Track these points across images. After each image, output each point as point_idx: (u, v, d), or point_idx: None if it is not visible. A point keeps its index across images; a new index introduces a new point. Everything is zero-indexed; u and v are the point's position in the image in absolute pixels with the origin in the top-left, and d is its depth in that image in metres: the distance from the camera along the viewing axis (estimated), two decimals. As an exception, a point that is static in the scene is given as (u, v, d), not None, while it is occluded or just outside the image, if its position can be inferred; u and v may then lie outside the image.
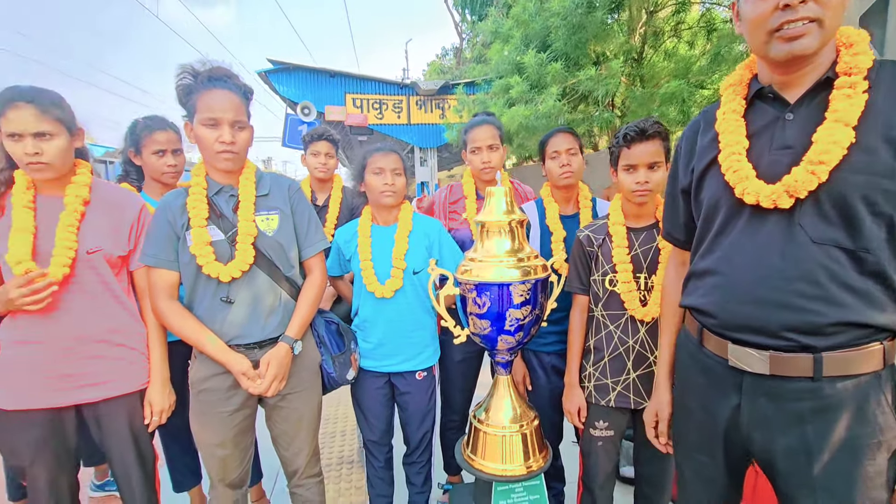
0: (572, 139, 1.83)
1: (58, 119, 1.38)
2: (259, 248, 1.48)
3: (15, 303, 1.32)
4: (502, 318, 1.44)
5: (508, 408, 1.59)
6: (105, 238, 1.47)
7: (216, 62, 1.49)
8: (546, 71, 5.35)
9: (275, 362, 1.46)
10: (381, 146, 1.81)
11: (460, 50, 14.02)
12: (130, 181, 1.97)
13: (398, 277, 1.71)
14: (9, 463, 1.45)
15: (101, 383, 1.47)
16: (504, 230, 1.50)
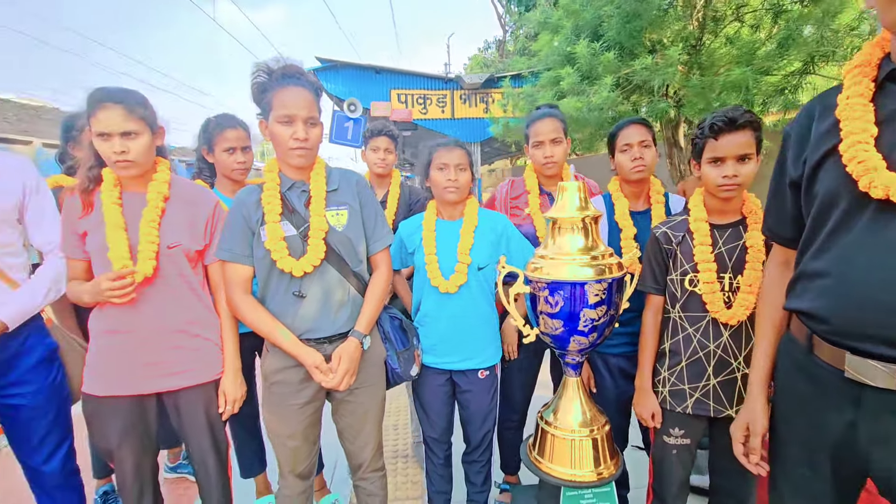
0: (645, 131, 1.73)
1: (142, 118, 1.43)
2: (329, 243, 1.49)
3: (104, 295, 1.38)
4: (576, 318, 1.39)
5: (578, 411, 1.53)
6: (183, 233, 1.52)
7: (289, 60, 1.50)
8: (598, 61, 5.17)
9: (346, 357, 1.47)
10: (446, 141, 1.78)
11: (503, 43, 13.82)
12: (204, 178, 2.03)
13: (462, 273, 1.68)
14: (99, 446, 1.53)
15: (181, 372, 1.53)
16: (577, 227, 1.44)
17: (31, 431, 1.56)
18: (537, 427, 1.61)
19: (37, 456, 1.58)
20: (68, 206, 1.48)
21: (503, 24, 13.62)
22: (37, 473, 1.60)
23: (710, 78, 5.37)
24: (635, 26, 5.15)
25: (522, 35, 12.19)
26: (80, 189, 1.48)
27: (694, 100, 5.48)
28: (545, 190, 1.96)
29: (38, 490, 1.63)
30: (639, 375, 1.59)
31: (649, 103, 5.54)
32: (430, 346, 1.79)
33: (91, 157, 1.49)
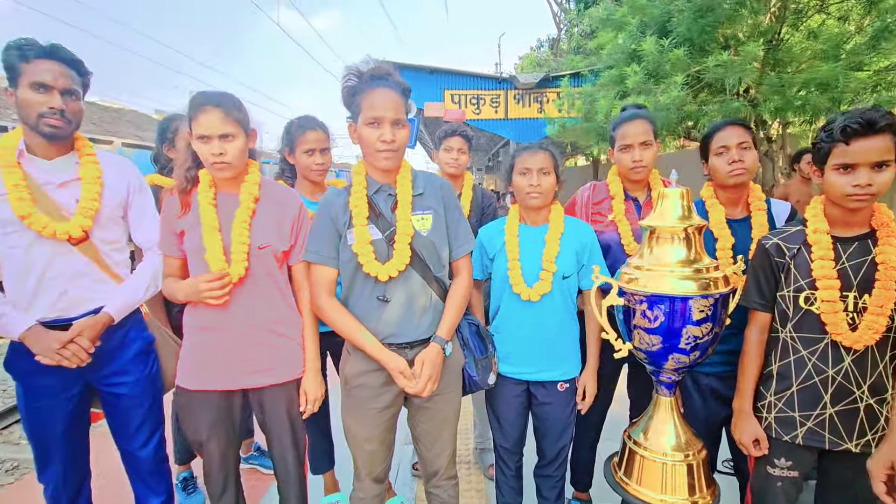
0: (744, 132, 1.60)
1: (238, 121, 1.47)
2: (414, 247, 1.47)
3: (201, 296, 1.43)
4: (677, 334, 1.30)
5: (671, 433, 1.44)
6: (272, 234, 1.55)
7: (378, 61, 1.50)
8: (667, 58, 4.93)
9: (428, 362, 1.45)
10: (530, 144, 1.73)
11: (557, 41, 13.53)
12: (285, 179, 2.08)
13: (547, 281, 1.62)
14: (190, 437, 1.59)
15: (267, 370, 1.56)
16: (678, 237, 1.35)
17: (129, 419, 1.64)
18: (624, 446, 1.53)
19: (134, 442, 1.66)
20: (167, 206, 1.55)
21: (558, 22, 13.34)
22: (133, 458, 1.68)
23: (790, 75, 5.01)
24: (708, 21, 4.87)
25: (577, 33, 11.88)
26: (179, 189, 1.54)
27: (772, 98, 5.13)
28: (630, 195, 1.86)
29: (132, 474, 1.72)
30: (738, 398, 1.47)
31: (721, 102, 5.23)
32: (506, 354, 1.74)
33: (189, 158, 1.55)
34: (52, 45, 1.42)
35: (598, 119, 5.89)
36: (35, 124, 1.40)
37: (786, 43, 5.34)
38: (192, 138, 1.46)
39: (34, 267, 1.44)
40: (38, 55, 1.39)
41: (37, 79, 1.38)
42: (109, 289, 1.56)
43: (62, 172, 1.49)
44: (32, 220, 1.40)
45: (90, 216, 1.49)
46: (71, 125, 1.46)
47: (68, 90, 1.43)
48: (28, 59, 1.38)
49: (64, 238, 1.45)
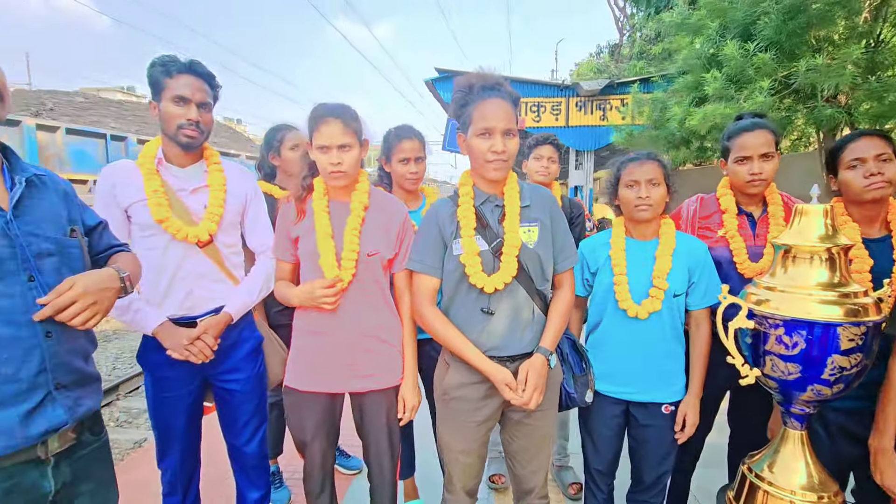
0: (883, 143, 1.47)
1: (355, 132, 1.52)
2: (520, 260, 1.45)
3: (317, 302, 1.48)
4: (820, 363, 1.20)
5: (803, 471, 1.33)
6: (380, 241, 1.59)
7: (489, 70, 1.49)
8: (751, 63, 4.66)
9: (534, 372, 1.41)
10: (637, 155, 1.67)
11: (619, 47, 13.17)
12: (383, 187, 2.12)
13: (657, 298, 1.55)
14: (295, 437, 1.64)
15: (370, 376, 1.60)
16: (820, 258, 1.25)
17: (238, 414, 1.72)
18: (743, 479, 1.43)
19: (241, 437, 1.74)
20: (283, 212, 1.62)
21: (620, 27, 12.99)
22: (239, 452, 1.77)
23: (892, 78, 4.61)
24: (798, 23, 4.57)
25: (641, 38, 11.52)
26: (295, 197, 1.60)
27: (870, 104, 4.74)
28: (744, 210, 1.75)
29: (237, 468, 1.80)
30: (879, 436, 1.33)
31: (811, 109, 4.89)
32: (606, 372, 1.68)
33: (305, 167, 1.62)
34: (191, 61, 1.52)
35: (671, 126, 5.66)
36: (174, 135, 1.51)
37: (887, 44, 4.92)
38: (312, 148, 1.52)
39: (167, 267, 1.55)
40: (179, 70, 1.49)
41: (178, 93, 1.49)
42: (227, 289, 1.65)
43: (193, 180, 1.60)
44: (168, 223, 1.51)
45: (216, 221, 1.59)
46: (203, 135, 1.56)
47: (203, 103, 1.53)
48: (171, 75, 1.49)
49: (193, 241, 1.55)
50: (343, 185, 1.57)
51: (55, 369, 1.01)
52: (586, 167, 8.84)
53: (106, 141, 6.96)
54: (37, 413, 0.98)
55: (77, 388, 1.06)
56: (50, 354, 0.99)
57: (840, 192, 1.59)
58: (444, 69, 8.29)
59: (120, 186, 1.52)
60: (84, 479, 1.09)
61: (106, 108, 8.93)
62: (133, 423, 4.39)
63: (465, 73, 3.28)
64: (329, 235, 1.53)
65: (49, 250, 1.03)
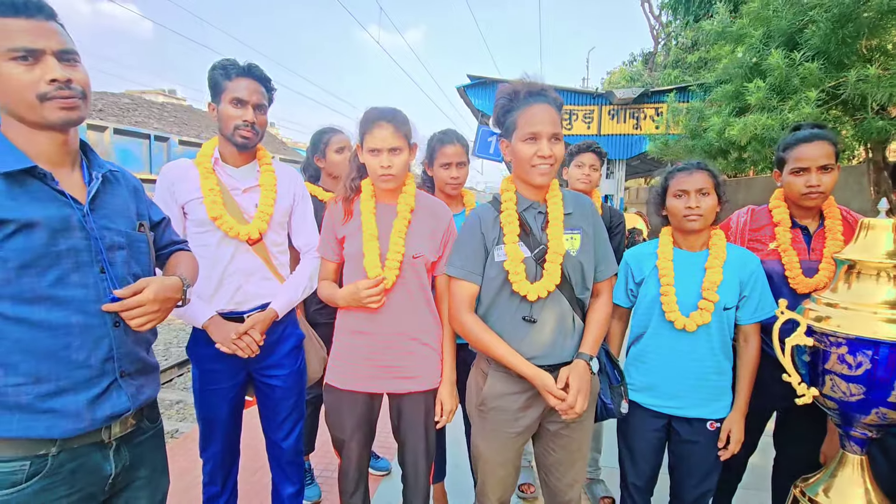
0: None
1: (405, 136, 1.54)
2: (563, 268, 1.43)
3: (362, 301, 1.50)
4: (886, 385, 1.15)
5: (862, 498, 1.27)
6: (425, 244, 1.59)
7: (532, 76, 1.48)
8: (796, 73, 4.52)
9: (576, 375, 1.37)
10: (687, 164, 1.63)
11: (654, 55, 12.97)
12: (427, 190, 2.13)
13: (707, 311, 1.51)
14: (334, 434, 1.66)
15: (410, 377, 1.60)
16: (888, 274, 1.20)
17: (279, 409, 1.76)
18: (795, 502, 1.37)
19: (280, 432, 1.77)
20: (331, 212, 1.65)
21: (655, 36, 12.80)
22: (277, 447, 1.80)
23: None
24: (848, 32, 4.41)
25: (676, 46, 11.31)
26: (343, 197, 1.63)
27: (925, 117, 4.53)
28: (798, 223, 1.69)
29: (274, 463, 1.84)
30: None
31: (860, 121, 4.70)
32: (648, 384, 1.65)
33: (354, 169, 1.64)
34: (249, 64, 1.58)
35: (709, 136, 5.53)
36: (231, 135, 1.56)
37: (945, 54, 4.70)
38: (362, 151, 1.55)
39: (219, 263, 1.60)
40: (238, 74, 1.55)
41: (236, 95, 1.54)
42: (274, 286, 1.69)
43: (246, 179, 1.65)
44: (222, 221, 1.56)
45: (266, 220, 1.63)
46: (258, 136, 1.61)
47: (259, 105, 1.58)
48: (231, 77, 1.54)
49: (245, 239, 1.59)
50: (391, 188, 1.59)
51: (121, 358, 1.05)
52: (617, 176, 8.71)
53: (150, 141, 7.25)
54: (103, 398, 1.02)
55: (139, 376, 1.10)
56: (117, 343, 1.04)
57: None
58: (477, 76, 8.33)
59: (178, 184, 1.58)
60: (141, 464, 1.13)
61: (149, 110, 9.31)
62: (164, 413, 4.53)
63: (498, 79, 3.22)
64: (374, 237, 1.54)
65: (120, 243, 1.07)
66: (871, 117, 4.56)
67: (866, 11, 4.31)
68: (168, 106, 10.40)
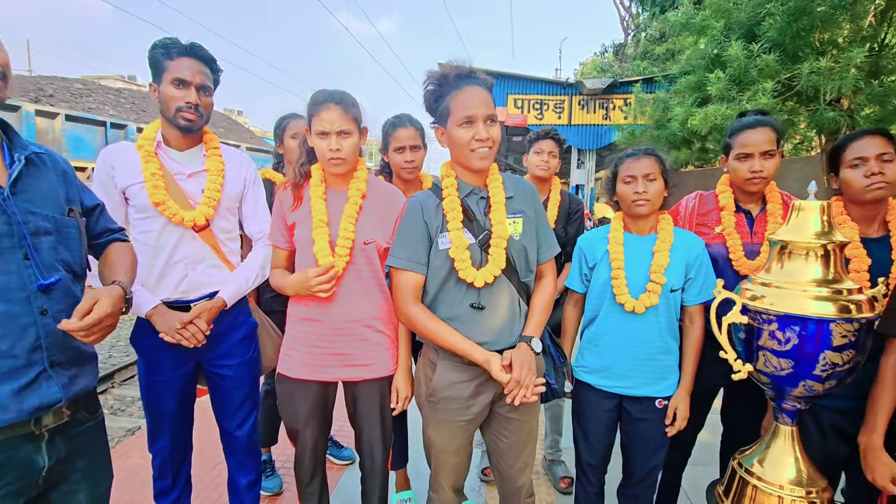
0: (885, 142, 1.46)
1: (354, 118, 1.51)
2: (507, 252, 1.41)
3: (312, 290, 1.47)
4: (812, 359, 1.20)
5: (792, 466, 1.33)
6: (377, 230, 1.58)
7: (459, 61, 1.43)
8: (754, 64, 4.66)
9: (517, 356, 1.35)
10: (635, 150, 1.66)
11: (624, 46, 13.14)
12: (385, 177, 2.10)
13: (655, 293, 1.55)
14: (287, 424, 1.64)
15: (364, 365, 1.59)
16: (815, 254, 1.25)
17: (231, 399, 1.72)
18: (733, 474, 1.43)
19: (233, 421, 1.74)
20: (280, 199, 1.61)
21: (625, 27, 12.95)
22: (231, 437, 1.77)
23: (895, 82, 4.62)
24: (802, 25, 4.56)
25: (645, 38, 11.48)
26: (292, 183, 1.60)
27: (874, 109, 4.75)
28: (742, 208, 1.75)
29: (228, 453, 1.80)
30: (869, 433, 1.34)
31: (813, 112, 4.89)
32: (601, 366, 1.68)
33: (303, 154, 1.61)
34: (191, 43, 1.51)
35: (673, 127, 5.66)
36: (173, 117, 1.51)
37: (891, 49, 4.92)
38: (311, 134, 1.52)
39: (163, 250, 1.54)
40: (180, 53, 1.49)
41: (177, 75, 1.48)
42: (223, 275, 1.65)
43: (192, 164, 1.60)
44: (165, 207, 1.50)
45: (213, 206, 1.58)
46: (203, 119, 1.55)
47: (203, 86, 1.52)
48: (172, 57, 1.48)
49: (190, 225, 1.54)
50: (342, 173, 1.56)
51: (50, 347, 1.00)
52: (588, 166, 8.83)
53: (106, 128, 6.94)
54: (31, 389, 0.98)
55: (72, 366, 1.05)
56: (45, 332, 0.99)
57: (840, 192, 1.59)
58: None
59: (118, 168, 1.52)
60: (79, 457, 1.09)
61: (104, 96, 8.88)
62: (127, 410, 4.40)
63: None
64: (324, 223, 1.52)
65: (46, 229, 1.02)
66: (823, 108, 4.75)
67: (820, 6, 4.45)
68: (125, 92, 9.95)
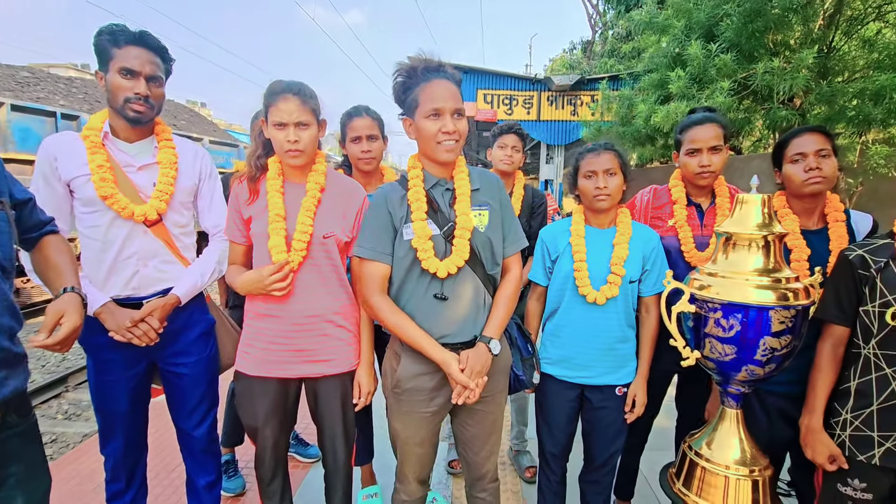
0: (823, 139, 1.54)
1: (312, 110, 1.48)
2: (472, 244, 1.43)
3: (268, 289, 1.45)
4: (753, 345, 1.27)
5: (737, 447, 1.40)
6: (337, 223, 1.56)
7: (428, 54, 1.43)
8: (713, 64, 4.83)
9: (473, 357, 1.38)
10: (595, 145, 1.70)
11: (592, 44, 13.36)
12: (344, 170, 2.06)
13: (615, 284, 1.59)
14: (246, 423, 1.61)
15: (324, 360, 1.58)
16: (757, 244, 1.31)
17: (187, 398, 1.68)
18: (684, 456, 1.49)
19: (190, 421, 1.70)
20: (236, 192, 1.57)
21: (592, 25, 13.18)
22: (187, 437, 1.72)
23: (842, 84, 4.86)
24: (757, 27, 4.75)
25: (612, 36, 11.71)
26: (248, 177, 1.56)
27: (822, 108, 4.99)
28: (693, 201, 1.81)
29: (186, 452, 1.76)
30: (809, 415, 1.42)
31: (767, 110, 5.10)
32: (563, 357, 1.72)
33: (259, 146, 1.57)
34: (141, 31, 1.45)
35: (637, 123, 5.81)
36: (121, 108, 1.44)
37: (839, 51, 5.17)
38: (267, 125, 1.48)
39: (112, 246, 1.48)
40: (128, 41, 1.42)
41: (125, 64, 1.42)
42: (177, 271, 1.60)
43: (142, 156, 1.54)
44: (113, 200, 1.44)
45: (165, 200, 1.53)
46: (153, 110, 1.49)
47: (153, 76, 1.47)
48: (119, 45, 1.41)
49: (140, 220, 1.49)
50: (300, 165, 1.53)
51: None
52: (557, 161, 8.97)
53: (56, 119, 6.58)
54: None
55: (2, 367, 1.00)
56: None
57: (784, 186, 1.67)
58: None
59: (62, 159, 1.45)
60: (11, 461, 1.04)
61: (54, 85, 8.38)
62: (82, 415, 4.22)
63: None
64: (281, 217, 1.49)
65: None
66: (776, 107, 4.96)
67: (773, 8, 4.64)
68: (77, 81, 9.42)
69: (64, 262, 1.18)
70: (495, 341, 1.45)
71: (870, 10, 5.03)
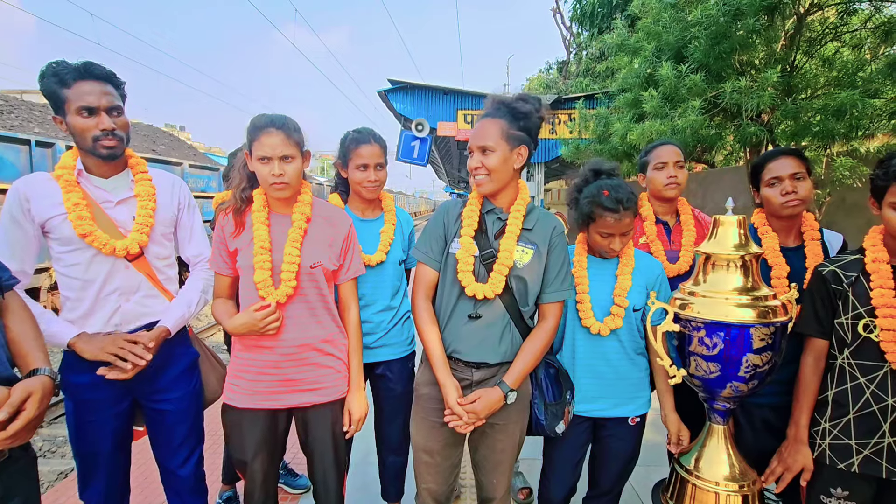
0: (797, 162, 1.60)
1: (297, 143, 1.50)
2: (507, 277, 1.46)
3: (262, 331, 1.44)
4: (736, 362, 1.30)
5: (725, 463, 1.42)
6: (323, 252, 1.56)
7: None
8: (684, 84, 5.01)
9: (484, 399, 1.42)
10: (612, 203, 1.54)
11: (567, 64, 13.76)
12: (339, 194, 2.00)
13: (619, 316, 1.59)
14: (235, 456, 1.57)
15: (313, 389, 1.56)
16: (735, 264, 1.35)
17: (172, 435, 1.63)
18: (674, 473, 1.51)
19: (175, 459, 1.64)
20: (221, 225, 1.56)
21: (567, 46, 13.59)
22: (173, 476, 1.67)
23: (805, 101, 5.09)
24: (723, 48, 4.96)
25: (587, 56, 12.09)
26: (233, 209, 1.55)
27: (787, 123, 5.20)
28: (661, 219, 1.92)
29: (170, 492, 1.70)
30: (794, 425, 1.45)
31: (738, 127, 5.30)
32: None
33: (244, 178, 1.57)
34: (84, 63, 1.41)
35: (614, 141, 5.96)
36: (92, 148, 1.42)
37: (801, 70, 5.43)
38: (252, 159, 1.49)
39: (93, 284, 1.45)
40: (75, 77, 1.39)
41: (81, 103, 1.39)
42: (160, 304, 1.57)
43: (119, 191, 1.52)
44: (93, 238, 1.42)
45: (146, 232, 1.51)
46: (124, 142, 1.48)
47: (112, 107, 1.44)
48: (68, 84, 1.38)
49: (122, 255, 1.46)
50: (285, 198, 1.54)
51: None
52: (538, 178, 9.11)
53: (31, 147, 6.44)
54: None
55: None
56: None
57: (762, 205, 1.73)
58: (397, 80, 8.34)
59: (36, 201, 1.41)
60: (14, 494, 1.02)
61: (28, 112, 8.19)
62: (57, 451, 4.04)
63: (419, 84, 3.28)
64: (266, 249, 1.48)
65: None
66: (745, 123, 5.15)
67: (738, 30, 4.87)
68: (53, 108, 9.28)
69: (28, 333, 1.10)
70: (513, 393, 1.46)
71: (827, 32, 5.30)
